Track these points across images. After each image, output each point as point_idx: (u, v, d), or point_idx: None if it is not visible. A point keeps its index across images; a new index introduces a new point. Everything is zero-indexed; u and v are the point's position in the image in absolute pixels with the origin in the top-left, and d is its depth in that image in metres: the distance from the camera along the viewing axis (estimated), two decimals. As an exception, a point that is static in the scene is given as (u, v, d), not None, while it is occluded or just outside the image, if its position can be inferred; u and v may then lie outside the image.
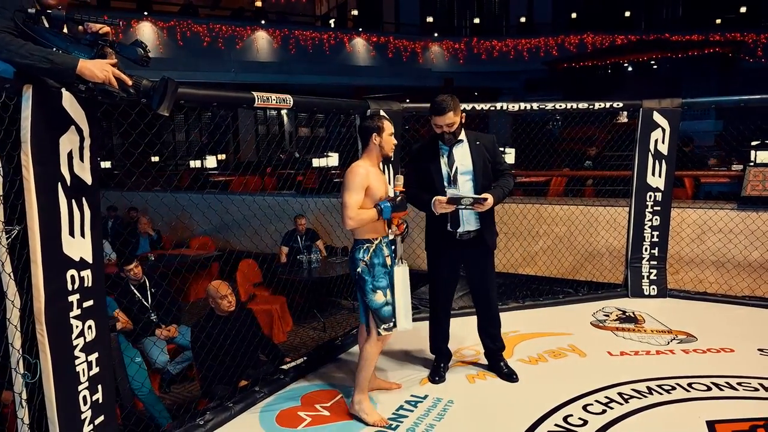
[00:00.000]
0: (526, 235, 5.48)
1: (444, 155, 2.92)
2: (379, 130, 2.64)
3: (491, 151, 2.94)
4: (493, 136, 3.00)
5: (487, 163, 2.91)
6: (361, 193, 2.56)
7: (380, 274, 2.64)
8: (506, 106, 4.02)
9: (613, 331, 3.75)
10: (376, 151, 2.65)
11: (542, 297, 4.48)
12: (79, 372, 1.95)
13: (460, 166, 2.90)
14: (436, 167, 2.91)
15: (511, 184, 2.91)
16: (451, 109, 2.81)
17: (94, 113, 1.98)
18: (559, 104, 4.13)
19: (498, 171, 2.95)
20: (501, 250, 5.29)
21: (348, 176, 2.57)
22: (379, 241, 2.67)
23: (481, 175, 2.88)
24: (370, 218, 2.56)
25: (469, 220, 2.94)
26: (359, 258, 2.63)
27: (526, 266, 5.55)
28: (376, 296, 2.63)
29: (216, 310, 3.38)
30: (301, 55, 14.98)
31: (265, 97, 2.75)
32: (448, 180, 2.90)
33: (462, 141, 2.93)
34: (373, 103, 3.63)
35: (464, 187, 2.89)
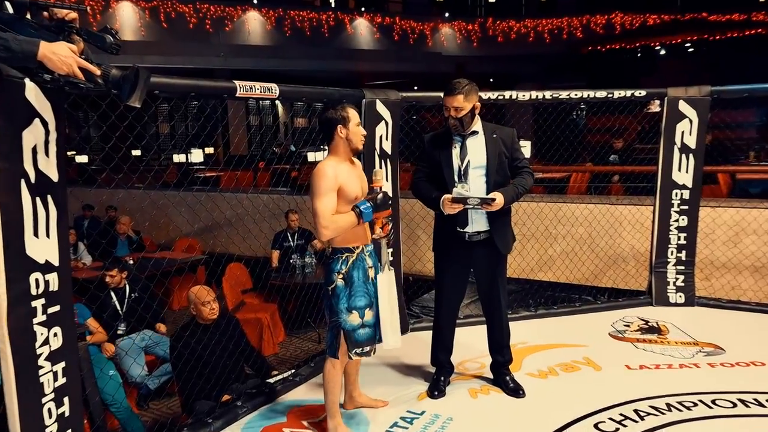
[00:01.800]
0: (542, 237, 5.52)
1: (457, 146, 2.97)
2: (343, 121, 2.58)
3: (509, 146, 2.97)
4: (513, 130, 3.03)
5: (503, 158, 2.94)
6: (332, 197, 2.49)
7: (359, 292, 2.57)
8: (516, 95, 4.06)
9: (633, 343, 3.78)
10: (343, 145, 2.59)
11: (557, 305, 4.52)
12: (43, 383, 2.02)
13: (473, 159, 2.94)
14: (447, 159, 2.95)
15: (528, 184, 2.94)
16: (461, 93, 2.85)
17: (60, 104, 2.04)
18: (574, 93, 4.17)
19: (516, 168, 2.98)
20: (515, 253, 5.32)
21: (314, 180, 2.49)
22: (361, 251, 2.63)
23: (495, 171, 2.91)
24: (348, 224, 2.50)
25: (478, 220, 2.98)
26: (335, 270, 2.57)
27: (542, 271, 5.59)
28: (351, 317, 2.57)
29: (198, 318, 3.44)
30: (298, 38, 15.05)
31: (248, 87, 2.81)
32: (459, 174, 2.94)
33: (477, 133, 2.97)
34: (369, 93, 3.69)
35: (475, 183, 2.93)
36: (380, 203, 2.57)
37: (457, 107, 2.87)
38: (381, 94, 3.75)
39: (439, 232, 3.11)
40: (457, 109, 2.87)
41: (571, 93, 4.16)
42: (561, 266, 5.40)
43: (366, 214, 2.53)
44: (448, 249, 3.07)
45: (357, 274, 2.59)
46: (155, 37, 13.37)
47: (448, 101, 2.89)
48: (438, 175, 2.97)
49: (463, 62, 16.60)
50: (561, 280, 5.40)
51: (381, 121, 3.75)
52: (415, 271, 5.57)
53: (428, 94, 4.03)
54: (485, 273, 3.09)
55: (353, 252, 2.60)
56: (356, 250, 2.61)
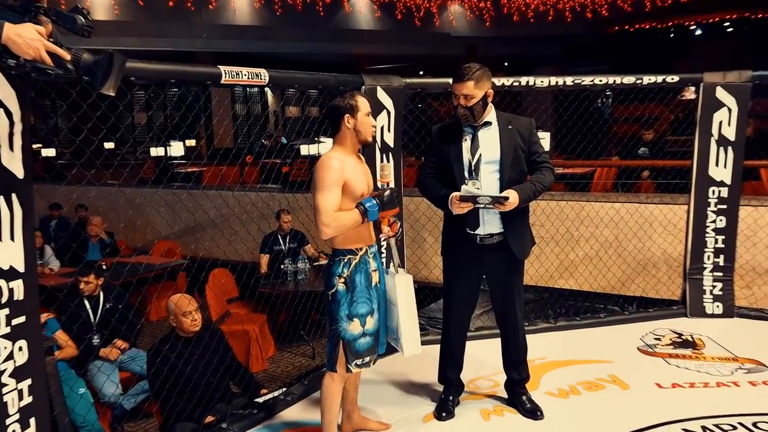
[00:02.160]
0: (563, 240, 5.53)
1: (467, 138, 2.98)
2: (352, 110, 2.63)
3: (526, 138, 2.98)
4: (531, 121, 3.05)
5: (519, 152, 2.96)
6: (336, 191, 2.53)
7: (362, 297, 2.61)
8: (533, 81, 4.07)
9: (664, 358, 3.79)
10: (350, 136, 2.64)
11: (579, 316, 4.53)
12: (7, 402, 2.03)
13: (485, 153, 2.95)
14: (457, 153, 2.97)
15: (548, 181, 2.96)
16: (471, 79, 2.87)
17: (26, 93, 2.06)
18: (599, 78, 4.17)
19: (534, 163, 3.00)
20: (532, 258, 5.33)
21: (318, 172, 2.55)
22: (365, 252, 2.67)
23: (510, 167, 2.93)
24: (352, 222, 2.55)
25: (490, 221, 2.99)
26: (336, 273, 2.61)
27: (563, 278, 5.59)
28: (351, 325, 2.60)
29: (178, 331, 3.46)
30: (289, 18, 15.08)
31: (234, 72, 2.83)
32: (469, 169, 2.95)
33: (490, 123, 2.99)
34: (369, 79, 3.71)
35: (487, 179, 2.95)
36: (387, 201, 2.60)
37: (467, 95, 2.88)
38: (382, 81, 3.77)
39: (447, 234, 3.13)
40: (468, 97, 2.89)
41: (595, 79, 4.17)
42: (584, 272, 5.41)
43: (371, 213, 2.57)
44: (458, 253, 3.09)
45: (360, 278, 2.62)
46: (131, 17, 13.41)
47: (457, 88, 2.91)
48: (447, 171, 2.99)
49: (475, 44, 16.60)
50: (584, 288, 5.40)
51: (382, 110, 3.77)
52: (420, 277, 5.58)
53: (435, 80, 4.05)
54: (499, 280, 3.10)
55: (356, 254, 2.63)
56: (359, 251, 2.64)
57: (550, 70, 15.43)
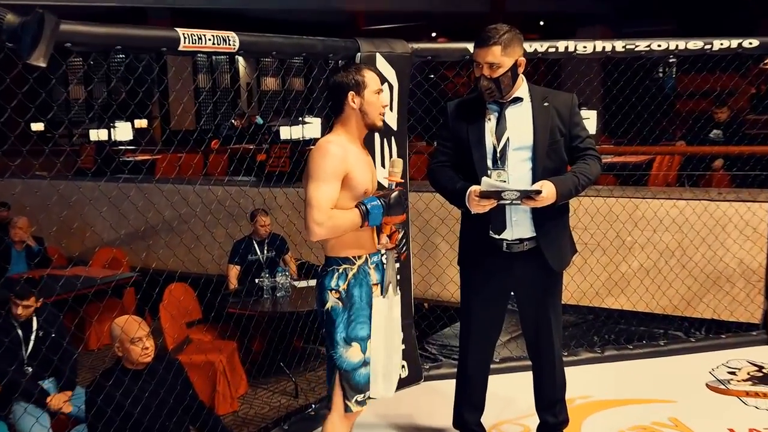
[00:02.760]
0: (612, 248, 5.54)
1: (492, 118, 3.00)
2: (357, 87, 2.69)
3: (566, 119, 3.01)
4: (572, 96, 3.08)
5: (557, 135, 2.98)
6: (335, 184, 2.59)
7: (361, 317, 2.66)
8: (575, 46, 4.09)
9: (740, 397, 3.80)
10: (355, 119, 2.71)
11: (633, 344, 4.55)
12: None
13: (514, 136, 2.97)
14: (478, 136, 2.99)
15: (593, 173, 2.97)
16: (498, 43, 2.89)
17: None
18: (657, 43, 4.19)
19: (576, 150, 3.01)
20: (572, 270, 5.34)
21: (314, 159, 2.61)
22: (365, 262, 2.71)
23: (545, 154, 2.95)
24: (349, 224, 2.60)
25: (520, 222, 3.00)
26: (330, 287, 2.66)
27: (612, 296, 5.61)
28: (350, 351, 2.65)
29: (125, 362, 3.49)
30: (266, -36, 15.08)
31: (196, 37, 2.85)
32: (493, 157, 2.97)
33: (520, 99, 3.01)
34: (366, 44, 3.73)
35: (516, 169, 2.96)
36: (394, 204, 2.66)
37: (492, 63, 2.90)
38: (383, 46, 3.80)
39: (465, 239, 3.15)
40: (493, 67, 2.90)
41: (653, 43, 4.19)
42: (639, 289, 5.42)
43: (374, 216, 2.62)
44: (479, 264, 3.11)
45: (359, 292, 2.66)
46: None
47: (480, 55, 2.93)
48: (465, 159, 3.02)
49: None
50: (638, 308, 5.42)
51: (383, 83, 3.77)
52: (431, 295, 5.60)
53: (451, 45, 4.07)
54: (531, 298, 3.12)
55: (354, 263, 2.68)
56: (358, 260, 2.68)
57: (598, 31, 15.37)
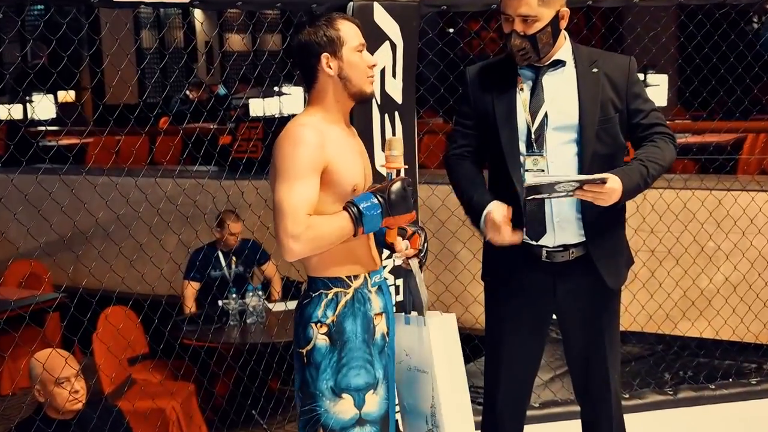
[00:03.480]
0: (686, 257, 5.56)
1: (525, 88, 3.04)
2: (331, 46, 2.64)
3: (623, 89, 3.04)
4: (630, 60, 3.10)
5: (610, 111, 3.01)
6: (312, 183, 2.55)
7: (357, 359, 2.64)
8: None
9: None
10: (334, 89, 2.67)
11: (715, 382, 4.56)
12: None
13: (554, 112, 3.00)
14: (506, 110, 3.02)
15: (667, 159, 2.99)
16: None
17: None
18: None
19: (639, 129, 3.04)
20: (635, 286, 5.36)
21: (282, 149, 2.57)
22: (363, 284, 2.69)
23: (594, 136, 2.98)
24: (336, 234, 2.55)
25: (564, 222, 3.02)
26: (314, 318, 2.63)
27: (689, 320, 5.62)
28: (339, 405, 2.62)
29: (47, 409, 3.53)
30: None
31: (138, -17, 2.91)
32: (527, 139, 3.00)
33: (562, 64, 3.05)
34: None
35: (558, 156, 2.99)
36: (396, 199, 2.59)
37: (527, 16, 2.92)
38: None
39: (492, 247, 3.16)
40: (528, 21, 2.92)
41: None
42: (724, 311, 5.42)
43: (369, 219, 2.57)
44: (511, 279, 3.14)
45: (353, 326, 2.64)
46: None
47: (510, 6, 2.95)
48: (491, 142, 3.05)
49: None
50: (723, 335, 5.42)
51: (383, 42, 3.83)
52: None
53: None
54: (579, 324, 3.15)
55: (348, 286, 2.67)
56: (354, 281, 2.68)
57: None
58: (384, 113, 3.85)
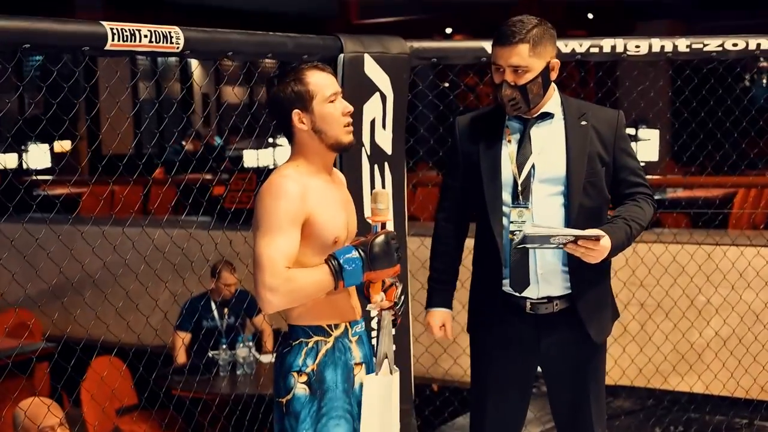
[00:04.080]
0: (676, 311, 5.58)
1: (512, 139, 3.07)
2: (301, 101, 2.65)
3: (610, 143, 3.07)
4: (618, 114, 3.15)
5: (597, 165, 3.04)
6: (292, 235, 2.56)
7: (335, 408, 2.64)
8: (621, 45, 4.14)
9: None
10: (311, 142, 2.68)
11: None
12: None
13: (542, 164, 3.04)
14: (492, 161, 3.06)
15: (647, 219, 3.03)
16: (525, 40, 2.95)
17: None
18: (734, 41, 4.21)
19: (623, 185, 3.08)
20: (625, 339, 5.37)
21: (263, 201, 2.59)
22: (343, 333, 2.70)
23: (582, 189, 3.01)
24: (315, 287, 2.56)
25: (548, 274, 3.04)
26: (294, 367, 2.64)
27: (679, 374, 5.61)
28: None
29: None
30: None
31: (129, 32, 2.91)
32: (513, 191, 3.03)
33: (551, 116, 3.09)
34: (351, 42, 3.80)
35: (544, 208, 3.02)
36: (378, 253, 2.59)
37: (518, 67, 2.96)
38: (374, 45, 3.87)
39: (477, 297, 3.20)
40: (519, 71, 2.97)
41: (728, 41, 4.23)
42: (715, 365, 5.43)
43: (350, 273, 2.56)
44: (495, 330, 3.14)
45: (333, 375, 2.65)
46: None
47: (501, 56, 2.99)
48: (477, 192, 3.08)
49: (539, -17, 16.80)
50: (713, 390, 5.43)
51: (373, 93, 3.85)
52: (438, 372, 5.58)
53: (462, 43, 4.14)
54: (563, 378, 3.16)
55: (329, 335, 2.67)
56: (334, 330, 2.68)
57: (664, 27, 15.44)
58: (374, 164, 3.87)
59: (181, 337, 6.01)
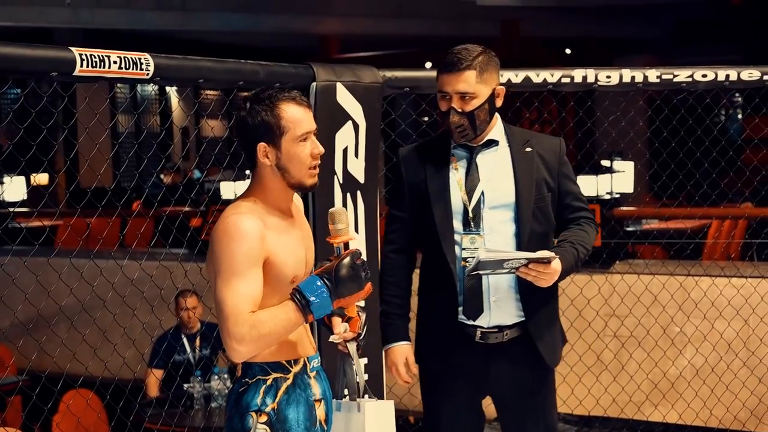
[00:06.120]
0: (649, 340, 5.60)
1: (459, 167, 3.11)
2: (269, 134, 2.51)
3: (555, 169, 3.12)
4: (559, 141, 3.20)
5: (544, 190, 3.09)
6: (254, 277, 2.44)
7: None
8: (592, 75, 4.18)
9: None
10: (271, 177, 2.56)
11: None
12: None
13: (491, 191, 3.07)
14: (440, 189, 3.08)
15: (591, 243, 3.09)
16: (472, 67, 3.00)
17: None
18: (703, 72, 4.27)
19: (567, 210, 3.13)
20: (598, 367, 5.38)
21: (219, 242, 2.46)
22: (302, 369, 2.62)
23: (531, 215, 3.04)
24: (283, 327, 2.45)
25: (501, 302, 3.05)
26: (252, 406, 2.54)
27: (652, 403, 5.63)
28: None
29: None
30: (210, -25, 15.32)
31: (98, 58, 2.92)
32: (464, 218, 3.05)
33: (495, 143, 3.12)
34: (323, 70, 3.80)
35: (495, 235, 3.04)
36: (345, 277, 2.47)
37: (465, 93, 3.00)
38: (346, 74, 3.88)
39: (426, 323, 3.19)
40: (466, 98, 3.01)
41: (697, 72, 4.28)
42: (688, 395, 5.44)
43: (318, 306, 2.45)
44: (444, 360, 3.14)
45: (295, 414, 2.58)
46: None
47: (448, 83, 3.03)
48: (426, 221, 3.10)
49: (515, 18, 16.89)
50: (687, 420, 5.44)
51: (345, 122, 3.86)
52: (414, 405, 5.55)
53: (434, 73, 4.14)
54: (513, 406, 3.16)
55: (288, 371, 2.60)
56: (294, 366, 2.61)
57: (642, 61, 15.61)
58: (346, 192, 3.86)
59: (155, 374, 5.98)
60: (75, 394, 5.35)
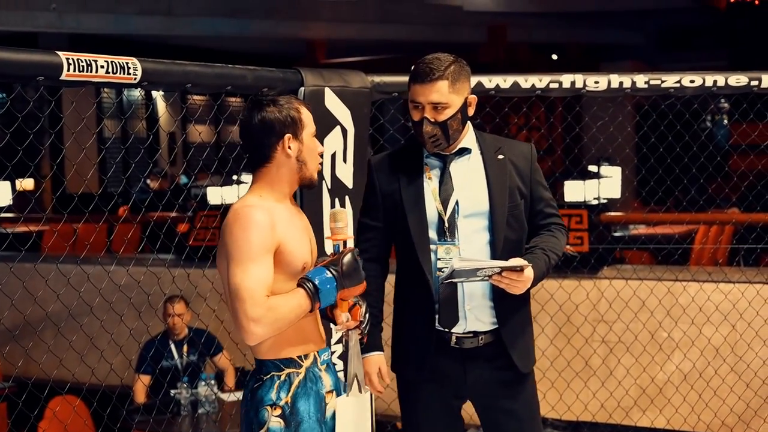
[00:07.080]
0: (637, 345, 5.60)
1: (433, 176, 3.10)
2: (294, 126, 2.69)
3: (527, 176, 3.13)
4: (530, 147, 3.21)
5: (517, 197, 3.10)
6: (267, 264, 2.57)
7: None
8: (580, 81, 4.18)
9: None
10: (288, 171, 2.71)
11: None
12: None
13: (465, 199, 3.07)
14: (414, 198, 3.08)
15: (561, 247, 3.11)
16: (444, 77, 3.00)
17: None
18: (690, 77, 4.27)
19: (540, 216, 3.15)
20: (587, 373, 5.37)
21: (233, 233, 2.59)
22: (313, 362, 2.71)
23: (505, 222, 3.05)
24: (295, 312, 2.57)
25: (476, 309, 3.06)
26: (267, 401, 2.62)
27: (641, 409, 5.64)
28: None
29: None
30: (197, -21, 15.32)
31: (85, 63, 2.90)
32: (439, 228, 3.05)
33: (468, 151, 3.13)
34: (311, 75, 3.81)
35: (471, 243, 3.05)
36: (348, 271, 2.63)
37: (437, 103, 3.00)
38: (334, 79, 3.88)
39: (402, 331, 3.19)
40: (439, 108, 3.00)
41: (684, 78, 4.28)
42: (676, 400, 5.45)
43: (326, 293, 2.60)
44: (421, 365, 3.13)
45: (306, 406, 2.64)
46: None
47: (421, 93, 3.02)
48: (400, 230, 3.09)
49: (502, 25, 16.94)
50: (675, 425, 5.45)
51: (334, 127, 3.86)
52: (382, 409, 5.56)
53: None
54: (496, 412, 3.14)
55: (300, 366, 2.67)
56: (305, 361, 2.68)
57: (628, 67, 15.62)
58: (334, 197, 3.87)
59: (143, 380, 5.96)
60: (61, 401, 5.34)
